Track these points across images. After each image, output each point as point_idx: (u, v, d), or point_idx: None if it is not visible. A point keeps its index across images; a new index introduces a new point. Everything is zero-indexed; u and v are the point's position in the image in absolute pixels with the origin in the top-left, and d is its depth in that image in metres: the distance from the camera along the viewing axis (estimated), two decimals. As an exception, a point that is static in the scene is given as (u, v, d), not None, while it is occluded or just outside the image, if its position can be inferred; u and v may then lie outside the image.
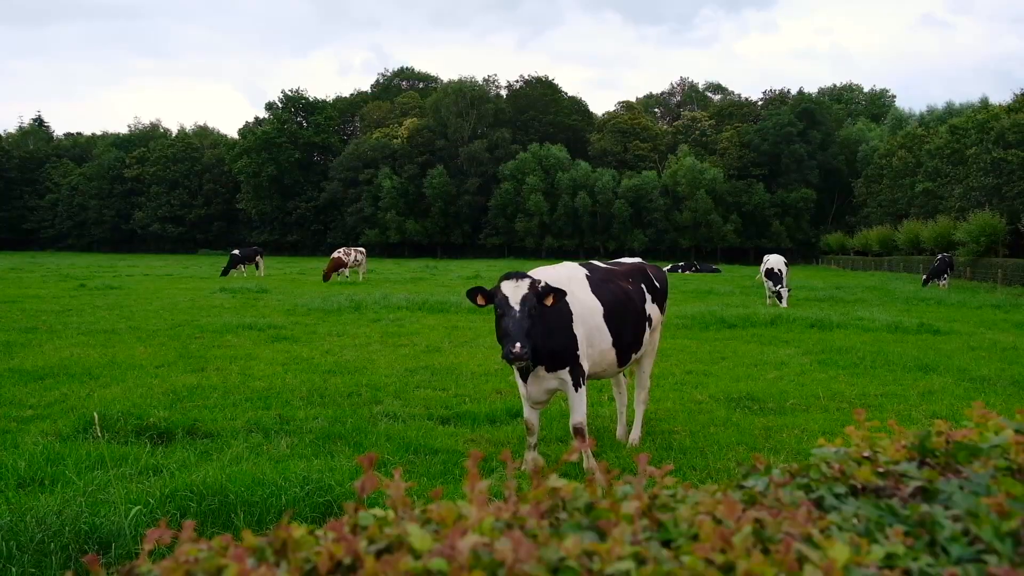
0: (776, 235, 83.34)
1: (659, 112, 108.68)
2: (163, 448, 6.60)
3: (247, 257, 36.50)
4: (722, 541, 0.88)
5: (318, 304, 19.40)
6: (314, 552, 0.89)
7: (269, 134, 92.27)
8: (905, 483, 1.22)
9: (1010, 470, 1.25)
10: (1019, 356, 12.44)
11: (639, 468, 1.12)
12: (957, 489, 1.18)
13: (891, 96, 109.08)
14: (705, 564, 0.85)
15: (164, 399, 8.51)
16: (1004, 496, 1.12)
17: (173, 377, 9.89)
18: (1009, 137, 42.76)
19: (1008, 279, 34.40)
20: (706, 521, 0.95)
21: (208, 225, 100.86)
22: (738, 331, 15.51)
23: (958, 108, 79.29)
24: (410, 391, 9.38)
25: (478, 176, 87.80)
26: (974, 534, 1.04)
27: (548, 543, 0.87)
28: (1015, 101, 48.46)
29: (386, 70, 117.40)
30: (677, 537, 0.96)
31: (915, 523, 1.07)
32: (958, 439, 1.37)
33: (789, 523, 0.98)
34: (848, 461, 1.30)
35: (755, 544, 0.92)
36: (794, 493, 1.15)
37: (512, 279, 5.65)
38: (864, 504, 1.12)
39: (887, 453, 1.36)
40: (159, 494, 5.23)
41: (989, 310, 21.07)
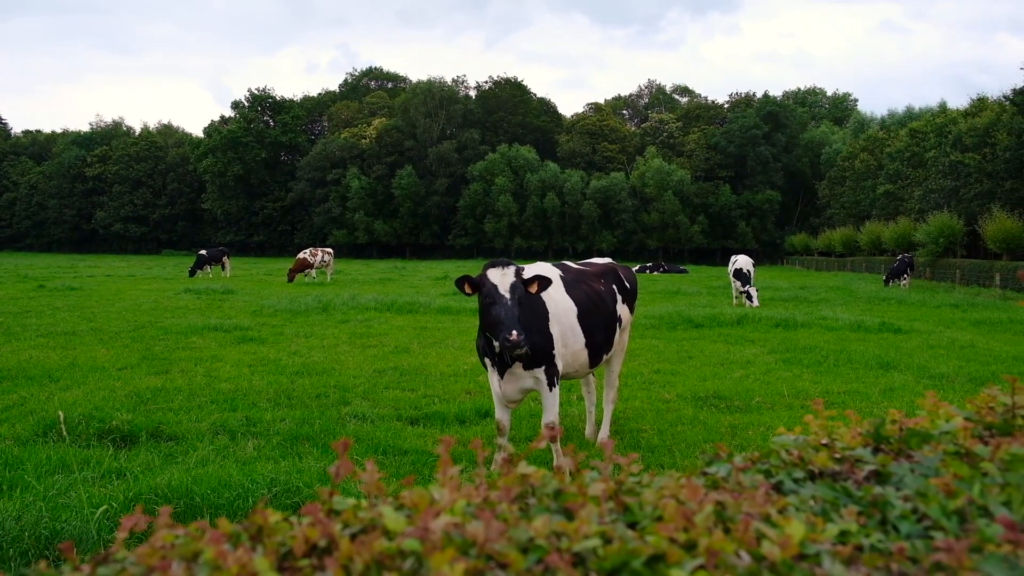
0: (742, 236, 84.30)
1: (627, 114, 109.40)
2: (126, 451, 6.51)
3: (214, 257, 36.09)
4: (685, 520, 0.91)
5: (285, 305, 19.24)
6: (289, 536, 0.90)
7: (235, 133, 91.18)
8: (860, 467, 1.27)
9: (958, 454, 1.31)
10: (976, 354, 12.72)
11: (605, 454, 1.15)
12: (908, 472, 1.23)
13: (853, 100, 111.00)
14: (668, 542, 0.87)
15: (127, 401, 8.39)
16: (952, 477, 1.17)
17: (136, 379, 9.75)
18: (966, 140, 43.71)
19: (966, 279, 35.15)
20: (670, 503, 0.97)
21: (172, 225, 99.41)
22: (705, 331, 15.68)
23: (917, 112, 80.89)
24: (379, 392, 9.35)
25: (447, 177, 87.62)
26: (923, 512, 1.08)
27: (518, 524, 0.89)
28: (971, 106, 49.57)
29: (354, 69, 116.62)
30: (642, 519, 0.98)
31: (868, 504, 1.12)
32: (911, 426, 1.42)
33: (749, 504, 1.01)
34: (806, 448, 1.34)
35: (716, 523, 0.95)
36: (754, 477, 1.18)
37: (498, 267, 5.59)
38: (821, 487, 1.16)
39: (844, 440, 1.40)
40: (123, 497, 5.17)
41: (948, 309, 21.52)
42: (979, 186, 42.70)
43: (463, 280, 5.77)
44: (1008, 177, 41.11)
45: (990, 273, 32.86)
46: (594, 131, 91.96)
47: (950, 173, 45.06)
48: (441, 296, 22.85)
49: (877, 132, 71.93)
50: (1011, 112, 41.48)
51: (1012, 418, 1.51)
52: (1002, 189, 41.40)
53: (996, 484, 1.16)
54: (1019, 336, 15.52)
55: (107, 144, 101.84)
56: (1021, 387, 1.54)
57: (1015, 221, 34.55)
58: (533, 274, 5.71)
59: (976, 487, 1.13)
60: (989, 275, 32.85)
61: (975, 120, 44.36)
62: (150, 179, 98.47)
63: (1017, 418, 1.51)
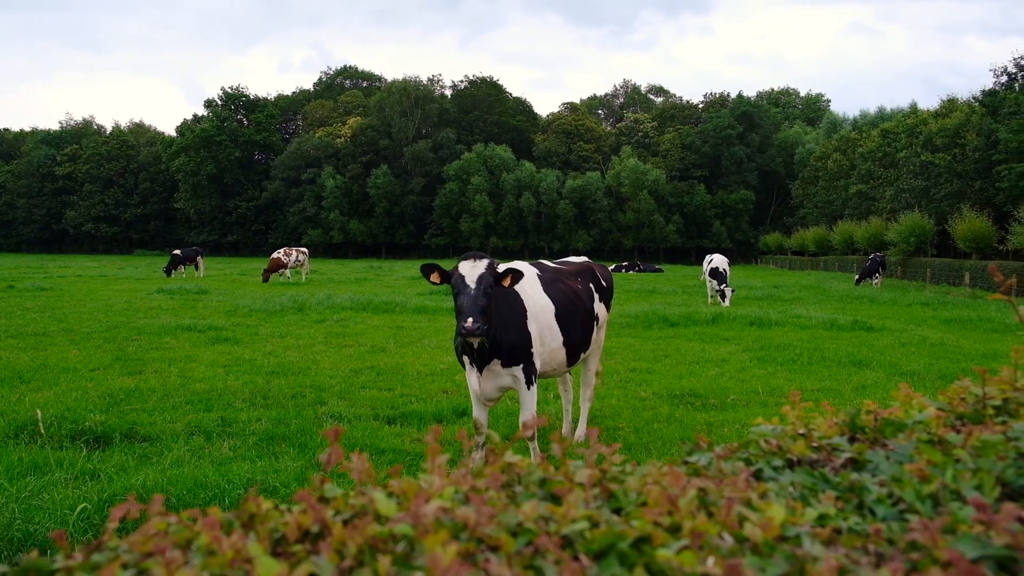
0: (717, 235, 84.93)
1: (603, 114, 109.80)
2: (100, 452, 6.44)
3: (188, 257, 35.75)
4: (669, 504, 0.93)
5: (260, 305, 19.10)
6: (282, 522, 0.91)
7: (208, 132, 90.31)
8: (837, 455, 1.31)
9: (931, 442, 1.34)
10: (946, 351, 12.93)
11: (590, 443, 1.16)
12: (884, 459, 1.26)
13: (826, 100, 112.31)
14: (653, 526, 0.89)
15: (100, 402, 8.29)
16: (925, 463, 1.21)
17: (109, 380, 9.63)
18: (936, 141, 44.39)
19: (936, 278, 35.69)
20: (654, 489, 0.99)
21: (144, 225, 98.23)
22: (680, 329, 15.78)
23: (889, 113, 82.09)
24: (355, 392, 9.31)
25: (423, 176, 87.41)
26: (898, 496, 1.12)
27: (507, 509, 0.91)
28: (942, 107, 50.34)
29: (329, 68, 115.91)
30: (627, 505, 1.00)
31: (845, 489, 1.15)
32: (885, 416, 1.45)
33: (730, 489, 1.03)
34: (785, 437, 1.37)
35: (699, 508, 0.98)
36: (735, 465, 1.21)
37: (471, 259, 5.60)
38: (799, 474, 1.20)
39: (820, 430, 1.44)
40: (97, 499, 5.11)
41: (919, 308, 21.84)
42: (949, 186, 43.39)
43: (431, 268, 5.75)
44: (977, 177, 41.82)
45: (960, 272, 33.39)
46: (570, 131, 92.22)
47: (921, 173, 45.74)
48: (417, 296, 22.80)
49: (849, 132, 72.87)
50: (980, 113, 42.20)
51: (982, 408, 1.55)
52: (971, 189, 42.10)
53: (968, 469, 1.19)
54: (988, 334, 15.78)
55: (77, 143, 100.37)
56: (991, 378, 1.59)
57: (984, 221, 35.16)
58: (506, 268, 5.72)
59: (949, 472, 1.17)
60: (959, 274, 33.37)
61: (945, 121, 45.08)
62: (121, 178, 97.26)
63: (987, 408, 1.55)
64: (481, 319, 5.30)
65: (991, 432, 1.30)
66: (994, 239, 34.83)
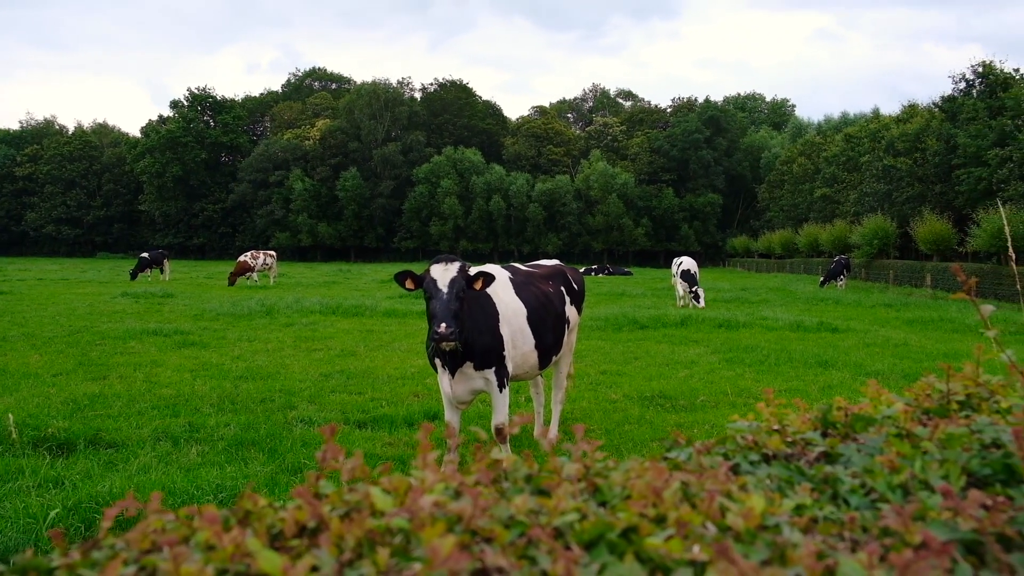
0: (685, 238, 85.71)
1: (572, 117, 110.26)
2: (64, 459, 6.32)
3: (155, 260, 35.23)
4: (654, 496, 0.96)
5: (227, 309, 18.89)
6: (278, 518, 0.92)
7: (174, 133, 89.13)
8: (810, 449, 1.35)
9: (900, 435, 1.39)
10: (909, 351, 13.17)
11: (576, 437, 1.18)
12: (855, 452, 1.31)
13: (791, 106, 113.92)
14: (639, 517, 0.92)
15: (63, 408, 8.14)
16: (895, 455, 1.25)
17: (72, 386, 9.47)
18: (898, 146, 45.22)
19: (899, 279, 36.35)
20: (638, 483, 1.02)
21: (108, 227, 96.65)
22: (650, 332, 15.90)
23: (852, 118, 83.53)
24: (325, 396, 9.25)
25: (392, 179, 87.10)
26: (870, 487, 1.16)
27: (499, 503, 0.93)
28: (903, 112, 51.31)
29: (297, 70, 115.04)
30: (612, 498, 1.03)
31: (820, 481, 1.19)
32: (855, 412, 1.50)
33: (711, 481, 1.06)
34: (760, 433, 1.41)
35: (682, 500, 1.00)
36: (714, 459, 1.24)
37: (442, 262, 5.58)
38: (776, 467, 1.23)
39: (794, 425, 1.48)
40: (62, 507, 5.03)
41: (882, 309, 22.22)
42: (910, 190, 44.21)
43: (404, 275, 5.74)
44: (937, 181, 42.66)
45: (921, 273, 34.04)
46: (539, 134, 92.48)
47: (883, 177, 46.57)
48: (387, 299, 22.71)
49: (814, 137, 73.97)
50: (940, 119, 43.07)
51: (947, 403, 1.61)
52: (932, 192, 42.95)
53: (935, 461, 1.24)
54: (949, 334, 16.11)
55: (38, 143, 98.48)
56: (955, 375, 1.64)
57: (944, 224, 35.88)
58: (478, 271, 5.72)
59: (917, 463, 1.22)
60: (920, 275, 34.01)
61: (906, 126, 45.95)
62: (84, 180, 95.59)
63: (952, 403, 1.61)
64: (454, 324, 5.30)
65: (956, 425, 1.35)
66: (954, 241, 35.57)
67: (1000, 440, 1.35)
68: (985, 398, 1.61)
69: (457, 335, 5.33)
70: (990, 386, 1.68)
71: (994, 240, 28.98)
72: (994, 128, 36.62)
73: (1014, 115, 35.04)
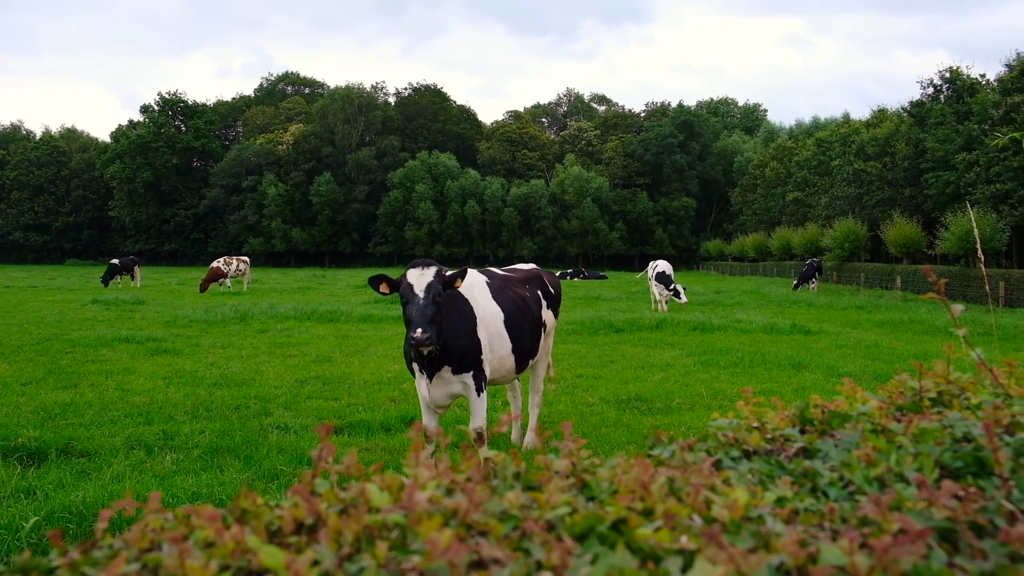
0: (659, 242, 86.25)
1: (546, 122, 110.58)
2: (35, 469, 6.23)
3: (125, 267, 34.81)
4: (642, 490, 0.98)
5: (201, 315, 18.71)
6: (276, 516, 0.93)
7: (145, 138, 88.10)
8: (789, 445, 1.39)
9: (875, 431, 1.43)
10: (881, 353, 13.36)
11: (564, 435, 1.21)
12: (833, 447, 1.35)
13: (763, 110, 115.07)
14: (628, 510, 0.94)
15: (34, 417, 8.02)
16: (871, 449, 1.29)
17: (43, 394, 9.33)
18: (868, 150, 45.88)
19: (870, 282, 36.86)
20: (625, 478, 1.04)
21: (77, 234, 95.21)
22: (625, 335, 15.98)
23: (823, 122, 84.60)
24: (301, 402, 9.19)
25: (366, 184, 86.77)
26: (848, 480, 1.20)
27: (491, 498, 0.95)
28: (873, 117, 52.09)
29: (270, 74, 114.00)
30: (599, 493, 1.06)
31: (800, 475, 1.23)
32: (832, 409, 1.54)
33: (696, 476, 1.09)
34: (740, 430, 1.45)
35: (668, 494, 1.03)
36: (697, 455, 1.27)
37: (418, 267, 5.56)
38: (757, 462, 1.27)
39: (773, 423, 1.51)
40: (34, 516, 4.95)
41: (853, 311, 22.52)
42: (880, 193, 44.87)
43: (378, 279, 5.71)
44: (907, 185, 43.34)
45: (892, 276, 34.54)
46: (514, 139, 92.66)
47: (854, 181, 47.22)
48: (362, 304, 22.62)
49: (786, 141, 74.84)
50: (909, 123, 43.77)
51: (920, 400, 1.66)
52: (901, 196, 43.61)
53: (909, 454, 1.29)
54: (919, 335, 16.36)
55: (4, 148, 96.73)
56: (927, 373, 1.69)
57: (914, 227, 36.46)
58: (457, 272, 5.72)
59: (893, 457, 1.26)
60: (891, 278, 34.51)
61: (876, 131, 46.63)
62: (52, 185, 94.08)
63: (924, 400, 1.65)
64: (431, 329, 5.29)
65: (929, 421, 1.40)
66: (923, 244, 36.13)
67: (971, 434, 1.39)
68: (956, 395, 1.66)
69: (434, 339, 5.32)
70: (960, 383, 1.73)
71: (962, 243, 29.49)
72: (961, 133, 37.28)
73: (980, 120, 35.68)
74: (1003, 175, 33.67)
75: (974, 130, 35.73)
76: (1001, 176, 33.79)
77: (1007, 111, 33.29)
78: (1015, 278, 26.60)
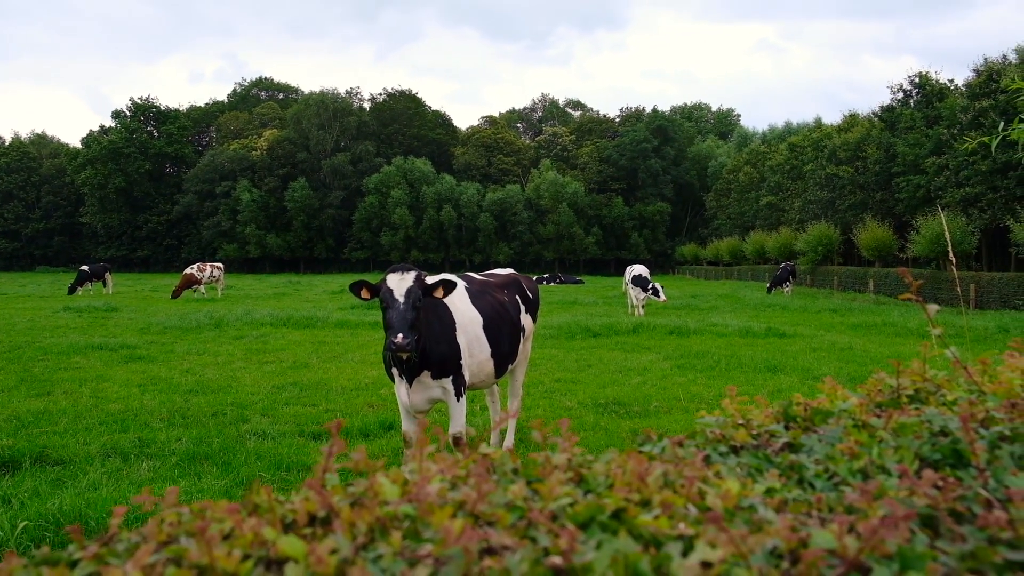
0: (635, 247, 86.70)
1: (522, 127, 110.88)
2: (9, 477, 6.16)
3: (96, 273, 34.35)
4: (638, 482, 1.02)
5: (175, 322, 18.53)
6: (289, 509, 0.94)
7: (116, 143, 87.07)
8: (775, 440, 1.43)
9: (856, 426, 1.48)
10: (854, 356, 13.54)
11: (563, 432, 1.24)
12: (816, 442, 1.40)
13: (737, 115, 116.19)
14: (626, 501, 0.97)
15: (6, 426, 7.91)
16: (854, 443, 1.34)
17: (15, 402, 9.20)
18: (840, 155, 46.47)
19: (843, 285, 37.31)
20: (622, 471, 1.08)
21: (48, 240, 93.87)
22: (603, 339, 16.05)
23: (796, 127, 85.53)
24: (278, 408, 9.14)
25: (342, 189, 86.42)
26: (833, 471, 1.25)
27: (496, 490, 0.98)
28: (844, 122, 52.74)
29: (243, 79, 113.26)
30: (596, 487, 1.09)
31: (786, 467, 1.27)
32: (814, 406, 1.59)
33: (689, 468, 1.13)
34: (727, 427, 1.49)
35: (663, 486, 1.06)
36: (687, 450, 1.31)
37: (398, 272, 5.56)
38: (744, 456, 1.31)
39: (758, 420, 1.56)
40: (9, 525, 4.90)
41: (827, 314, 22.79)
42: (852, 197, 45.45)
43: (359, 285, 5.71)
44: (878, 189, 43.94)
45: (864, 279, 35.00)
46: (489, 144, 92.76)
47: (826, 185, 47.79)
48: (339, 310, 22.53)
49: (759, 146, 75.51)
50: (880, 128, 44.40)
51: (897, 397, 1.71)
52: (873, 200, 44.21)
53: (890, 447, 1.34)
54: (892, 338, 16.60)
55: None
56: (904, 370, 1.74)
57: (885, 230, 36.97)
58: (437, 279, 5.73)
59: (875, 450, 1.31)
60: (864, 281, 34.96)
61: (848, 135, 47.23)
62: (22, 191, 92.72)
63: (902, 396, 1.71)
64: (411, 334, 5.29)
65: (908, 416, 1.45)
66: (895, 247, 36.64)
67: (948, 428, 1.45)
68: (932, 392, 1.72)
69: (414, 345, 5.32)
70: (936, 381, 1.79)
71: (933, 246, 29.96)
72: (931, 137, 37.87)
73: (949, 124, 36.28)
74: (972, 179, 34.24)
75: (943, 134, 36.30)
76: (970, 180, 34.36)
77: (975, 116, 33.86)
78: (985, 280, 27.05)
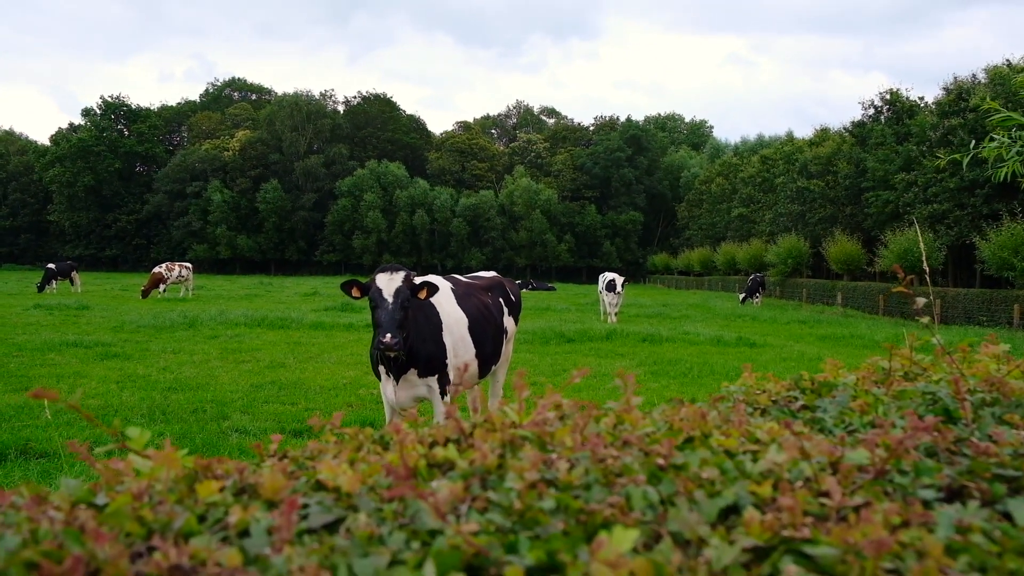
0: (607, 255, 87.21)
1: (496, 133, 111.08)
2: (-3, 469, 6.17)
3: (62, 272, 33.89)
4: (700, 420, 1.18)
5: (148, 321, 18.42)
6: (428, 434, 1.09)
7: (86, 142, 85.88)
8: (793, 402, 1.59)
9: (858, 396, 1.66)
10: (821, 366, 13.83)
11: (627, 382, 1.39)
12: (829, 403, 1.58)
13: (709, 127, 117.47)
14: (687, 437, 1.13)
15: (-13, 419, 7.89)
16: (863, 403, 1.51)
17: (-7, 397, 9.15)
18: (811, 168, 47.21)
19: (811, 297, 37.94)
20: (680, 414, 1.24)
21: (14, 238, 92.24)
22: (577, 345, 16.22)
23: (768, 140, 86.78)
24: (258, 406, 9.20)
25: (314, 192, 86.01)
26: (848, 422, 1.42)
27: (590, 423, 1.14)
28: (815, 136, 53.60)
29: (216, 79, 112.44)
30: (658, 427, 1.24)
31: (808, 420, 1.44)
32: (820, 380, 1.77)
33: (735, 413, 1.29)
34: (750, 393, 1.66)
35: (718, 425, 1.23)
36: (728, 405, 1.48)
37: (387, 272, 5.67)
38: (772, 412, 1.48)
39: (774, 388, 1.72)
40: None
41: (796, 325, 23.20)
42: (823, 211, 46.18)
43: (350, 284, 5.82)
44: (848, 203, 44.70)
45: (833, 292, 35.62)
46: (463, 149, 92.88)
47: (797, 198, 48.50)
48: (313, 312, 22.51)
49: (731, 158, 76.43)
50: (850, 143, 45.16)
51: (890, 376, 1.89)
52: (843, 214, 44.97)
53: (893, 407, 1.52)
54: (859, 350, 16.96)
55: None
56: (896, 353, 1.93)
57: (854, 244, 37.62)
58: (422, 281, 5.85)
59: (880, 409, 1.50)
60: (832, 294, 35.59)
61: (819, 149, 47.99)
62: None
63: (894, 375, 1.89)
64: (399, 333, 5.41)
65: (903, 386, 1.64)
66: (863, 261, 37.29)
67: (937, 395, 1.65)
68: (920, 373, 1.92)
69: (401, 344, 5.44)
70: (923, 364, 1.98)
71: (901, 260, 30.55)
72: (900, 153, 38.60)
73: (919, 141, 37.03)
74: (940, 196, 34.95)
75: (913, 151, 37.01)
76: (938, 196, 35.06)
77: (945, 133, 34.60)
78: (951, 296, 27.66)
